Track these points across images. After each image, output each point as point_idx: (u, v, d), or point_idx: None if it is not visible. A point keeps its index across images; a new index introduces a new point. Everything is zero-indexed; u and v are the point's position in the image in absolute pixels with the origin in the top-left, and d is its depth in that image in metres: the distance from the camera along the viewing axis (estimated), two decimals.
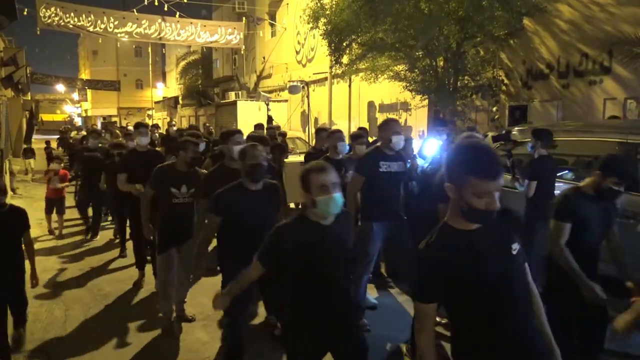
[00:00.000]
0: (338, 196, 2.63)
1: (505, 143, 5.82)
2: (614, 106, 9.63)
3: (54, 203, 8.89)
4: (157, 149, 8.06)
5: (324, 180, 2.62)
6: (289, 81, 17.65)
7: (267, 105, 14.54)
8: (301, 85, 15.52)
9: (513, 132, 6.37)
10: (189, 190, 4.71)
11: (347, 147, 5.94)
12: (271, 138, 7.69)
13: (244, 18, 24.99)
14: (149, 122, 33.35)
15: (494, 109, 11.94)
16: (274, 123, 12.60)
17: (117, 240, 8.02)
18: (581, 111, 10.27)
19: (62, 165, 9.42)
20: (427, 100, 12.25)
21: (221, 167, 4.51)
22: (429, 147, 5.49)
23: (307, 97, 15.70)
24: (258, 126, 9.67)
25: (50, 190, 8.95)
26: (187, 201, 4.73)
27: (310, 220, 2.70)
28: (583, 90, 10.34)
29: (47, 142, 19.84)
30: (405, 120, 15.71)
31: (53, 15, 20.12)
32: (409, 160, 5.23)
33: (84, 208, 9.03)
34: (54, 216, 8.98)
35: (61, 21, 20.33)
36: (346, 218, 2.86)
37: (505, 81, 11.97)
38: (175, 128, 13.75)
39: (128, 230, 6.81)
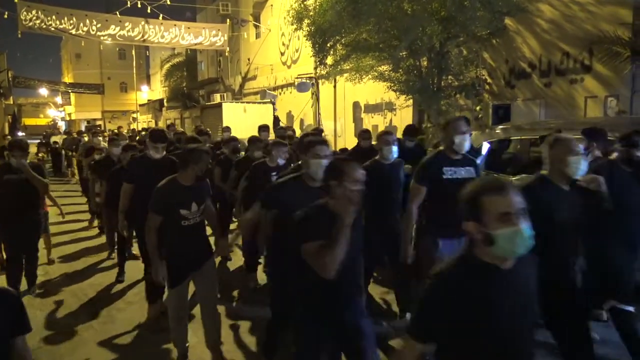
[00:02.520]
0: (527, 229, 1.84)
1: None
2: (595, 104, 9.75)
3: None
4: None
5: (507, 206, 1.84)
6: (297, 77, 16.93)
7: (274, 104, 13.83)
8: (310, 82, 14.48)
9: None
10: (199, 207, 4.01)
11: (395, 152, 5.00)
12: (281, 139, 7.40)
13: (228, 20, 24.95)
14: (134, 125, 33.17)
15: (478, 108, 12.04)
16: (281, 124, 12.26)
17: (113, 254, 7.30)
18: (563, 109, 10.39)
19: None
20: (411, 100, 12.32)
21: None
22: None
23: (317, 93, 14.93)
24: (263, 128, 8.72)
25: None
26: (199, 220, 4.06)
27: (480, 263, 1.91)
28: (565, 88, 10.46)
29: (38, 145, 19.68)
30: (391, 120, 15.79)
31: (34, 18, 19.95)
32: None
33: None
34: None
35: (43, 24, 20.16)
36: (531, 261, 2.02)
37: (489, 80, 12.07)
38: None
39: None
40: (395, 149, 4.95)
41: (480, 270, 1.89)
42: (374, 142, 6.47)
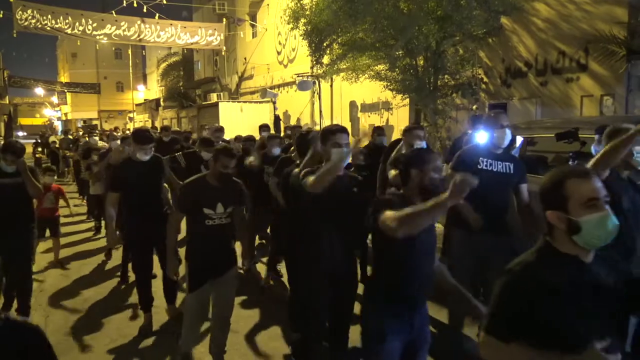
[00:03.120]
0: (613, 216, 1.75)
1: (570, 142, 4.63)
2: (591, 103, 9.78)
3: (46, 224, 6.90)
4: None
5: (593, 192, 1.76)
6: (298, 76, 16.60)
7: (274, 103, 13.54)
8: (312, 81, 14.09)
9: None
10: (225, 209, 3.83)
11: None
12: (289, 139, 7.21)
13: (224, 19, 24.95)
14: (130, 125, 33.12)
15: (474, 107, 12.05)
16: (281, 123, 12.12)
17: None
18: (559, 108, 10.41)
19: (56, 177, 8.00)
20: (408, 100, 12.32)
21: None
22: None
23: (319, 92, 14.70)
24: (264, 127, 8.65)
25: (42, 209, 6.74)
26: (225, 222, 3.85)
27: (561, 255, 1.81)
28: (560, 87, 10.48)
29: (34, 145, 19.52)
30: (387, 119, 15.80)
31: (30, 17, 19.91)
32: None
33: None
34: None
35: (38, 24, 20.12)
36: (610, 256, 1.92)
37: (485, 79, 12.08)
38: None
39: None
40: (425, 144, 4.94)
41: (563, 261, 1.79)
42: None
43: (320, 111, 15.68)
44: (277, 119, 12.26)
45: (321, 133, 3.47)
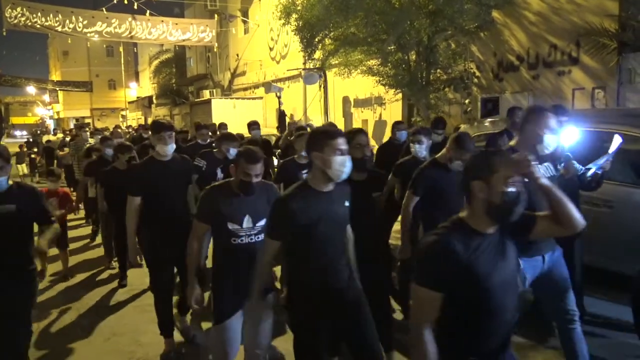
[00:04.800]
0: None
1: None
2: (583, 96, 9.80)
3: None
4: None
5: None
6: (303, 69, 16.04)
7: (279, 97, 12.69)
8: (318, 74, 13.33)
9: None
10: (255, 223, 3.11)
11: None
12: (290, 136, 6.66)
13: (216, 15, 24.85)
14: (122, 124, 32.95)
15: (467, 101, 12.06)
16: (288, 119, 11.74)
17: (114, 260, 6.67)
18: (551, 101, 10.42)
19: (61, 182, 7.02)
20: (400, 94, 12.33)
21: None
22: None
23: (325, 86, 14.07)
24: (253, 125, 8.28)
25: None
26: (256, 240, 3.12)
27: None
28: (552, 80, 10.50)
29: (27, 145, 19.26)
30: (380, 114, 15.79)
31: (19, 15, 19.76)
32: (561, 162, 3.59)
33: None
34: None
35: (28, 21, 19.98)
36: None
37: (477, 73, 12.09)
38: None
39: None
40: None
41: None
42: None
43: (327, 104, 15.22)
44: (281, 114, 11.72)
45: (315, 136, 2.84)
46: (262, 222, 3.07)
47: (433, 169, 3.99)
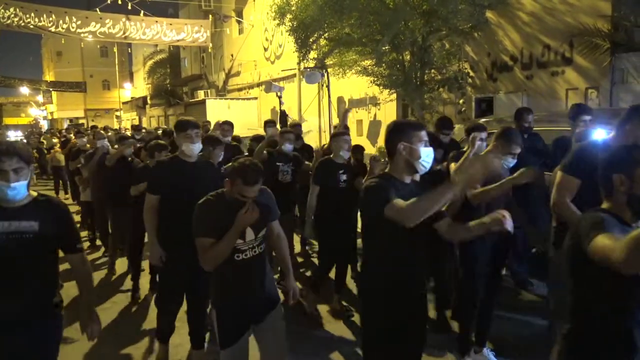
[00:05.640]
0: None
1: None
2: (576, 96, 9.84)
3: None
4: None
5: None
6: (305, 68, 15.99)
7: (280, 97, 12.46)
8: (320, 73, 13.10)
9: None
10: (257, 234, 2.87)
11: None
12: (296, 138, 6.42)
13: (210, 15, 24.81)
14: (117, 125, 32.85)
15: (461, 101, 12.10)
16: (290, 120, 11.74)
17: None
18: (545, 101, 10.48)
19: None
20: (395, 95, 12.34)
21: None
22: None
23: (328, 85, 13.94)
24: (269, 123, 7.84)
25: None
26: (259, 251, 2.90)
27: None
28: (546, 81, 10.55)
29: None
30: (375, 114, 15.81)
31: (12, 15, 19.66)
32: None
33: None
34: None
35: (21, 22, 19.88)
36: None
37: (471, 74, 12.12)
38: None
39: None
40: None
41: None
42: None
43: (330, 103, 15.20)
44: (283, 115, 11.51)
45: (399, 126, 2.73)
46: (263, 232, 2.90)
47: None
